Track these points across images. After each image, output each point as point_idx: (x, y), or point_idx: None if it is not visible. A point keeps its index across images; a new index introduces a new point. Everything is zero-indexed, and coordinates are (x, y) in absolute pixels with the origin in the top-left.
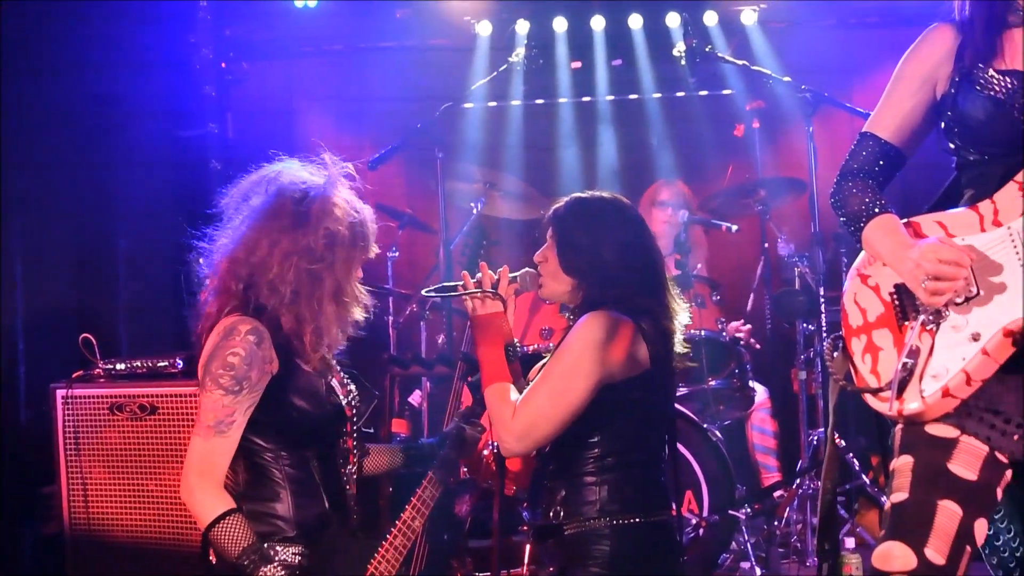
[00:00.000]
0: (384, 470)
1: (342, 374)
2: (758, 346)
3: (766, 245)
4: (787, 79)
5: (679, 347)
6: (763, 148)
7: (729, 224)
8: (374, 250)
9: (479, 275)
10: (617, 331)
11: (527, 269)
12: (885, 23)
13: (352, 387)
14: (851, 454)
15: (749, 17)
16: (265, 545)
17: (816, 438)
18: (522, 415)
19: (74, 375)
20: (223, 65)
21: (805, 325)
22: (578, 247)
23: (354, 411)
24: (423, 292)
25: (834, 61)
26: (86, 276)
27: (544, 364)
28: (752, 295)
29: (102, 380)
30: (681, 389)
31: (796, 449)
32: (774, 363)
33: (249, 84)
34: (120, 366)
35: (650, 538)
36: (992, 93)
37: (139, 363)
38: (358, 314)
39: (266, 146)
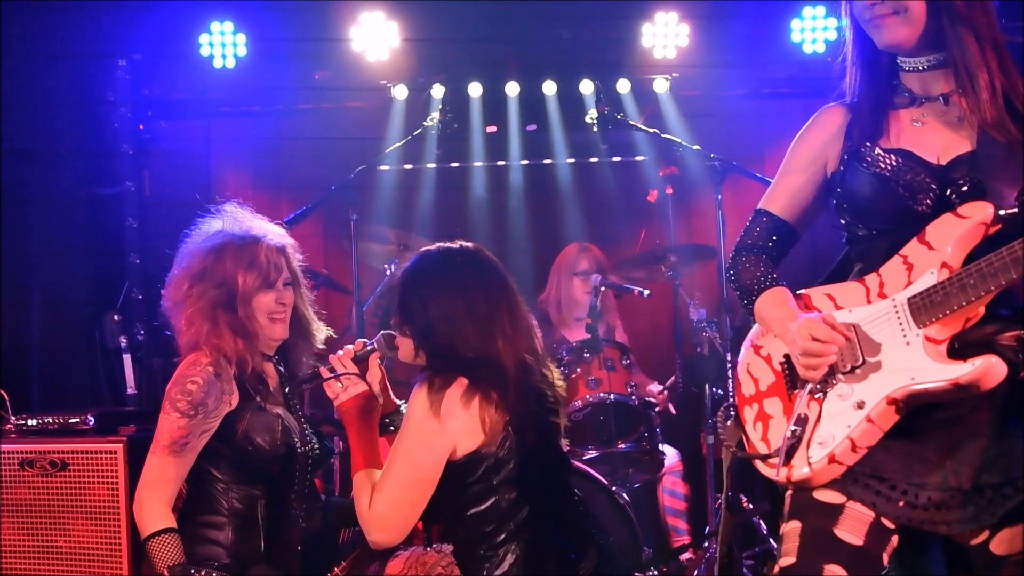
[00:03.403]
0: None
1: (306, 426)
2: (673, 411)
3: (680, 310)
4: (696, 147)
5: (552, 409)
6: (675, 214)
7: (641, 289)
8: (275, 275)
9: (339, 352)
10: (447, 396)
11: (383, 332)
12: (797, 93)
13: (311, 437)
14: (757, 517)
15: (661, 86)
16: (193, 569)
17: (721, 501)
18: (377, 505)
19: None
20: (141, 127)
21: (714, 389)
22: (407, 306)
23: (310, 460)
24: (287, 391)
25: (746, 130)
26: None
27: None
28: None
29: (13, 435)
30: (590, 452)
31: (706, 512)
32: (685, 427)
33: (166, 143)
34: (32, 422)
35: None
36: (877, 170)
37: (51, 419)
38: (276, 332)
39: (183, 204)
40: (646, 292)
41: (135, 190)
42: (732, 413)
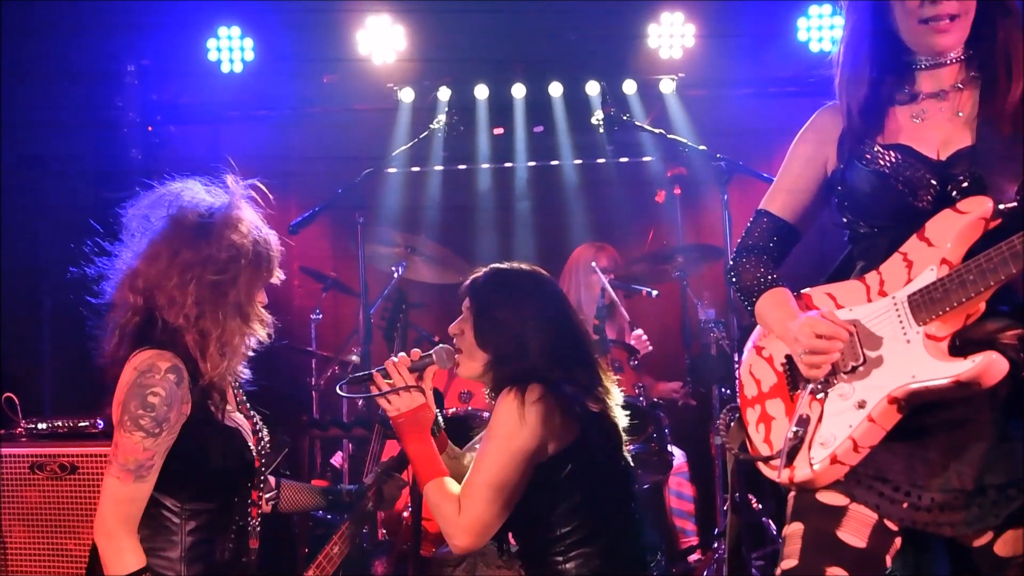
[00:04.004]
0: (301, 508)
1: (254, 418)
2: (693, 402)
3: (688, 310)
4: (702, 147)
5: (617, 414)
6: (683, 215)
7: (649, 289)
8: (279, 275)
9: (394, 359)
10: (533, 402)
11: (442, 345)
12: (804, 92)
13: (263, 433)
14: (767, 518)
15: (667, 86)
16: None
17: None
18: (467, 509)
19: None
20: (149, 129)
21: (722, 390)
22: (495, 321)
23: (263, 460)
24: (338, 390)
25: (754, 129)
26: (9, 335)
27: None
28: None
29: (24, 439)
30: None
31: (714, 513)
32: (693, 427)
33: (175, 147)
34: (42, 425)
35: None
36: (877, 167)
37: (60, 423)
38: (261, 333)
39: None
40: (654, 293)
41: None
42: (735, 415)
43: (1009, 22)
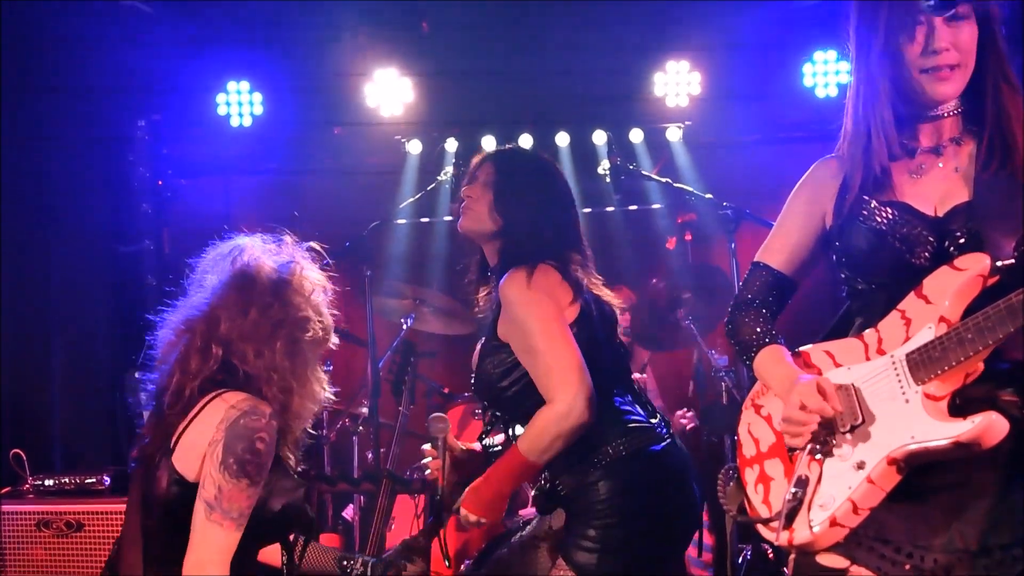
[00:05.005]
0: (319, 572)
1: None
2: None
3: (701, 357)
4: (708, 196)
5: (613, 303)
6: (693, 261)
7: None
8: (334, 338)
9: (426, 460)
10: (542, 275)
11: (434, 415)
12: (810, 137)
13: None
14: (784, 568)
15: (674, 134)
16: None
17: (748, 552)
18: (556, 383)
19: (2, 491)
20: (160, 183)
21: (735, 439)
22: (517, 192)
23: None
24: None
25: (761, 175)
26: (20, 390)
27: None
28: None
29: (31, 496)
30: None
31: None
32: (707, 477)
33: (185, 201)
34: (48, 482)
35: (644, 467)
36: (874, 224)
37: (67, 479)
38: (326, 392)
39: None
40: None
41: (154, 248)
42: (734, 476)
43: (1002, 71)
